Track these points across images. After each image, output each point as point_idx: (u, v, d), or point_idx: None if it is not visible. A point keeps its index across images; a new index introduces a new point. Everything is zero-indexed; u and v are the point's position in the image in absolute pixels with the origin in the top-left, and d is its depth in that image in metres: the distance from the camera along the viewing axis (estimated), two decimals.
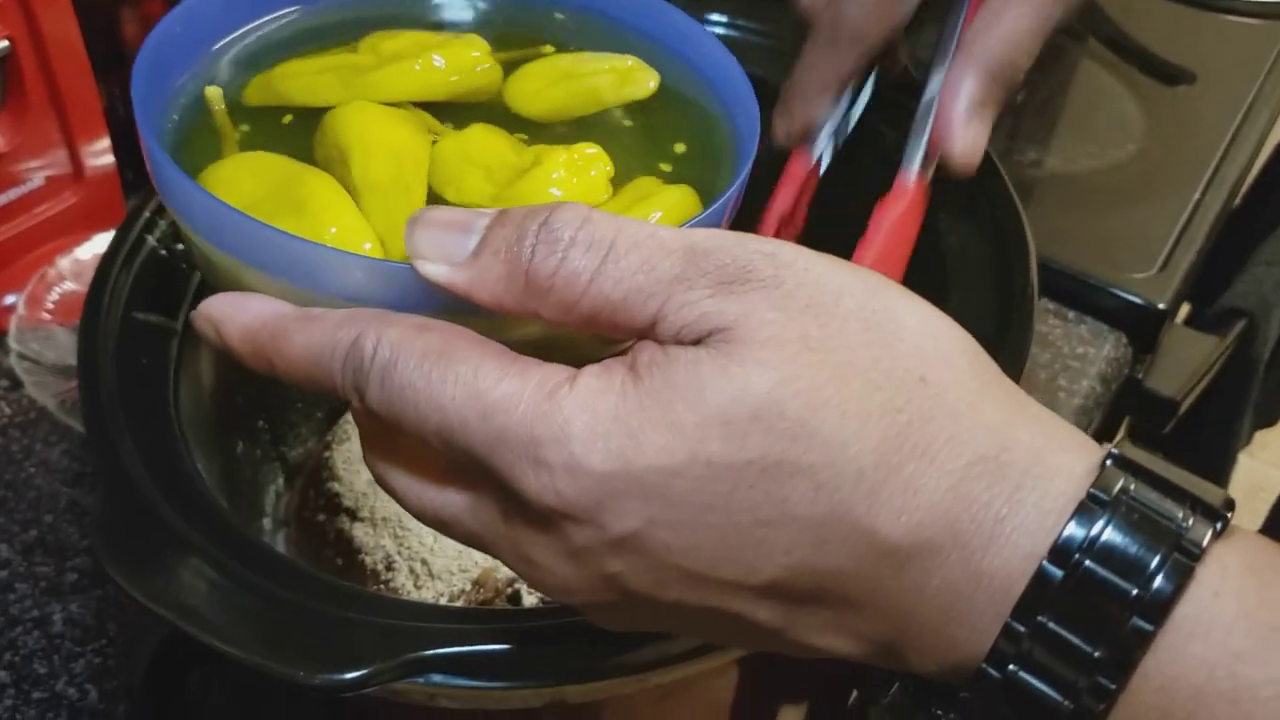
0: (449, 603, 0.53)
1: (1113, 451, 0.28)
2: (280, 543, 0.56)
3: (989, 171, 0.50)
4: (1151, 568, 0.26)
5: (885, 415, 0.27)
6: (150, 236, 0.48)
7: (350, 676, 0.33)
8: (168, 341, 0.45)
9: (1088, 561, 0.26)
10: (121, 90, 0.67)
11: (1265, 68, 0.87)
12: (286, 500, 0.58)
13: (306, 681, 0.33)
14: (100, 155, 0.64)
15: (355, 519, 0.56)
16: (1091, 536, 0.26)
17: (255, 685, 0.43)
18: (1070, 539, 0.26)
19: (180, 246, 0.48)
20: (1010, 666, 0.27)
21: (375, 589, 0.53)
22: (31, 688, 0.50)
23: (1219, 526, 0.27)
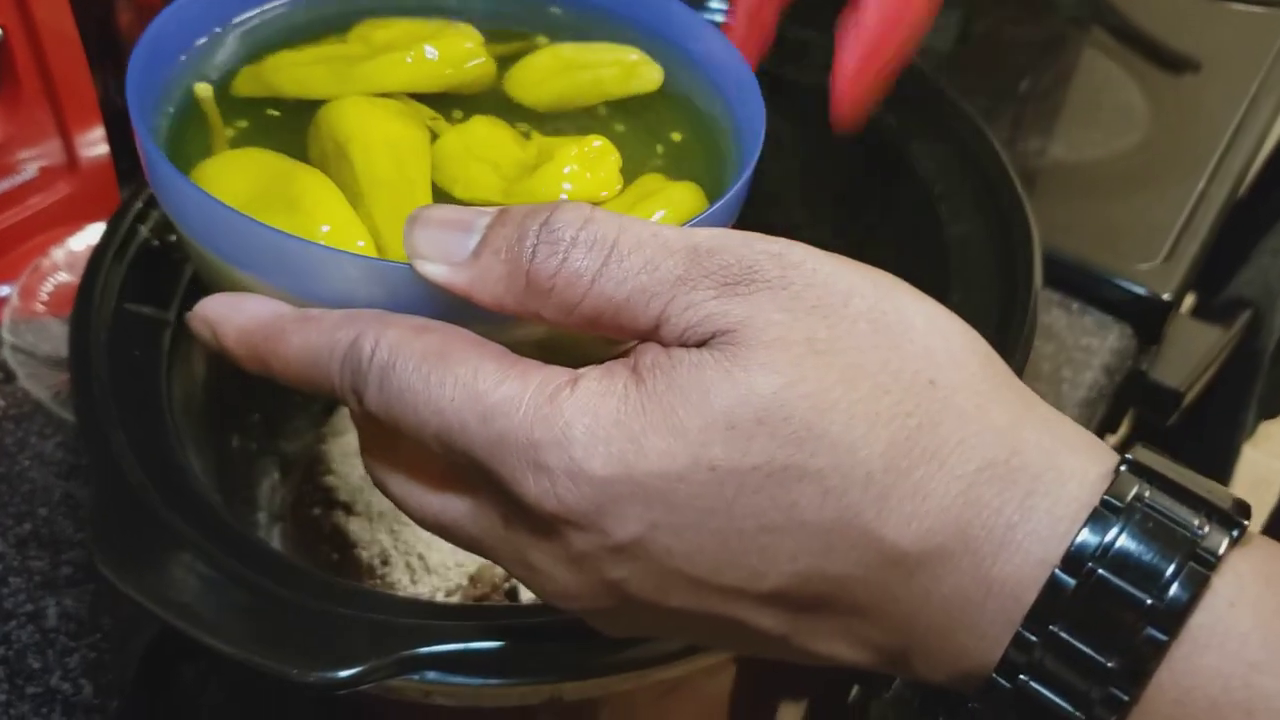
0: (445, 598, 0.53)
1: (1127, 457, 0.27)
2: (276, 537, 0.55)
3: (993, 160, 0.50)
4: (1166, 576, 0.26)
5: (894, 419, 0.26)
6: (143, 227, 0.47)
7: (344, 674, 0.33)
8: (160, 333, 0.45)
9: (1101, 569, 0.26)
10: (116, 80, 0.67)
11: (1270, 56, 0.86)
12: (282, 494, 0.57)
13: (300, 679, 0.33)
14: (94, 145, 0.64)
15: (351, 513, 0.55)
16: (1105, 544, 0.26)
17: (251, 682, 0.43)
18: (1083, 546, 0.26)
19: (173, 238, 0.47)
20: (1021, 676, 0.27)
21: (371, 584, 0.53)
22: (25, 682, 0.50)
23: (1235, 534, 0.26)
